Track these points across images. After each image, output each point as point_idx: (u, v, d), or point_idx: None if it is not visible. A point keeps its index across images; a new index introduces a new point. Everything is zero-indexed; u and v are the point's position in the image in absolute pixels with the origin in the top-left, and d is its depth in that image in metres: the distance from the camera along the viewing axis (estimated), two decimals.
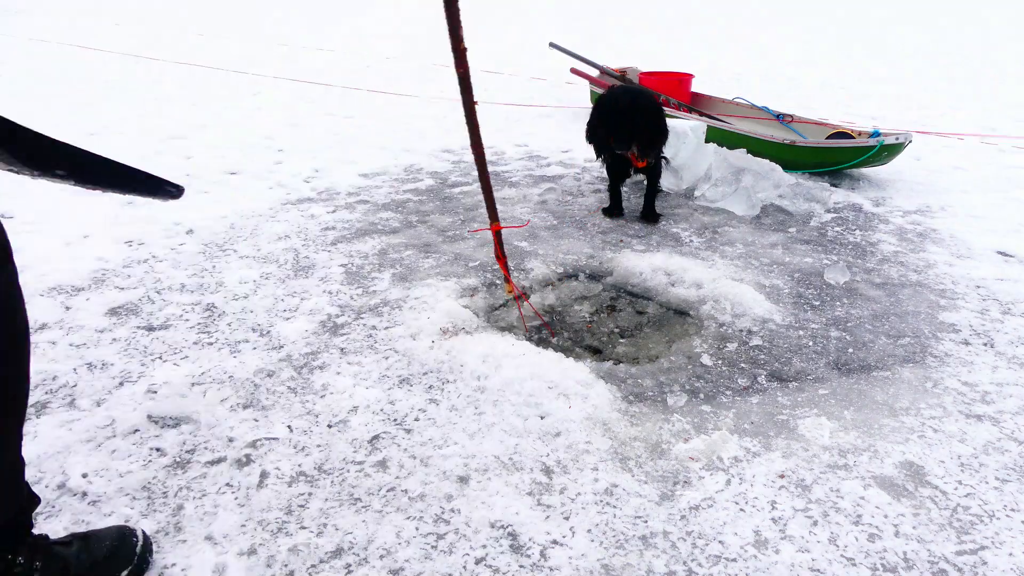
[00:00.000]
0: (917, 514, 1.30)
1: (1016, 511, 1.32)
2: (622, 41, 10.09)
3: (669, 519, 1.27)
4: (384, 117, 4.82)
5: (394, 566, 1.15)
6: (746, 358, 1.83)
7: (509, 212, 2.96)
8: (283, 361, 1.76)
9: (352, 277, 2.26)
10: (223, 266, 2.32)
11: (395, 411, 1.57)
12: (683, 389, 1.68)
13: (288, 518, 1.25)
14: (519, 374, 1.66)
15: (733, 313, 2.04)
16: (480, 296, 2.15)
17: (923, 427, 1.56)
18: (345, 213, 2.88)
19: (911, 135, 3.36)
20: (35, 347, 1.78)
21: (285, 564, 1.15)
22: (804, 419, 1.57)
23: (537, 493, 1.32)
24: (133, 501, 1.28)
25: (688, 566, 1.17)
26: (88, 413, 1.53)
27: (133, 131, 4.05)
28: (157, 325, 1.92)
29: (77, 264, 2.27)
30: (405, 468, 1.39)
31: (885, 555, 1.20)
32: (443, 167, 3.67)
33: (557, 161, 3.86)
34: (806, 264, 2.46)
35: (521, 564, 1.16)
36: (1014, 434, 1.55)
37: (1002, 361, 1.86)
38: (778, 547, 1.21)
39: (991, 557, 1.21)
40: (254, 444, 1.44)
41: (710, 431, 1.51)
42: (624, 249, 2.55)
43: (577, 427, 1.51)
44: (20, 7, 10.51)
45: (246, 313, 2.00)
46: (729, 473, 1.39)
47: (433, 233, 2.69)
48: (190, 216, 2.74)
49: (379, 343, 1.85)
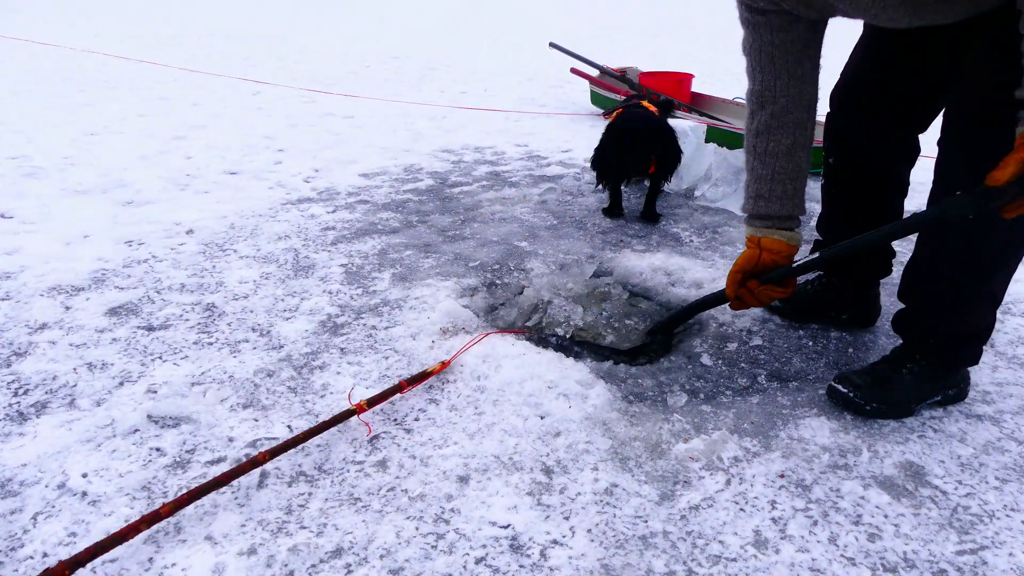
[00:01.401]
0: (917, 514, 1.30)
1: (1016, 511, 1.32)
2: (623, 41, 10.09)
3: (669, 519, 1.27)
4: (384, 117, 4.83)
5: (394, 566, 1.15)
6: (746, 358, 1.84)
7: (509, 212, 2.96)
8: (283, 361, 1.76)
9: (352, 277, 2.26)
10: (223, 266, 2.32)
11: (395, 411, 1.57)
12: (683, 389, 1.68)
13: (288, 518, 1.25)
14: (519, 374, 1.66)
15: (733, 313, 2.04)
16: (480, 296, 2.16)
17: (923, 427, 1.56)
18: (345, 213, 2.88)
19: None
20: (35, 347, 1.79)
21: (285, 564, 1.15)
22: (804, 419, 1.57)
23: (537, 493, 1.32)
24: (133, 501, 1.28)
25: (688, 566, 1.17)
26: (88, 413, 1.53)
27: (133, 131, 4.06)
28: (157, 325, 1.92)
29: (77, 264, 2.27)
30: (405, 468, 1.39)
31: (885, 555, 1.20)
32: (443, 167, 3.67)
33: (557, 161, 3.86)
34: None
35: (521, 564, 1.16)
36: (1014, 434, 1.55)
37: (1002, 361, 1.86)
38: (778, 547, 1.21)
39: (991, 557, 1.21)
40: (254, 444, 1.44)
41: (710, 431, 1.51)
42: (624, 249, 2.55)
43: (577, 427, 1.51)
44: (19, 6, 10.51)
45: (246, 313, 2.00)
46: (729, 473, 1.39)
47: (433, 233, 2.69)
48: (190, 216, 2.74)
49: (379, 343, 1.85)
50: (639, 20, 14.25)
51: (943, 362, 1.60)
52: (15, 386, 1.62)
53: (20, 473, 1.34)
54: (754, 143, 1.61)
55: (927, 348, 1.60)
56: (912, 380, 1.59)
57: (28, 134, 3.81)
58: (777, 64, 1.52)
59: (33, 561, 1.15)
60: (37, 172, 3.18)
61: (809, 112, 1.59)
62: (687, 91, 5.06)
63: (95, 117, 4.34)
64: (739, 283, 1.64)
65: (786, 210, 1.62)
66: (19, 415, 1.52)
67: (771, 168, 1.59)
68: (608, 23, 13.19)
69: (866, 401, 1.56)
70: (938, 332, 1.57)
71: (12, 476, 1.33)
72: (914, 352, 1.62)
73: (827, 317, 1.97)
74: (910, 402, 1.59)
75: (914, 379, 1.59)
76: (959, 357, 1.61)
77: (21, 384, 1.63)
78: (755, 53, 1.54)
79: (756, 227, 1.64)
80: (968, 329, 1.57)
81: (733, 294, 1.67)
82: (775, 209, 1.61)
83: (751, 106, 1.61)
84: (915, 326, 1.62)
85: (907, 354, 1.63)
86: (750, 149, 1.63)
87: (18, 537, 1.19)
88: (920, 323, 1.60)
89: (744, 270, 1.63)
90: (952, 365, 1.62)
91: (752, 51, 1.55)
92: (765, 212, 1.62)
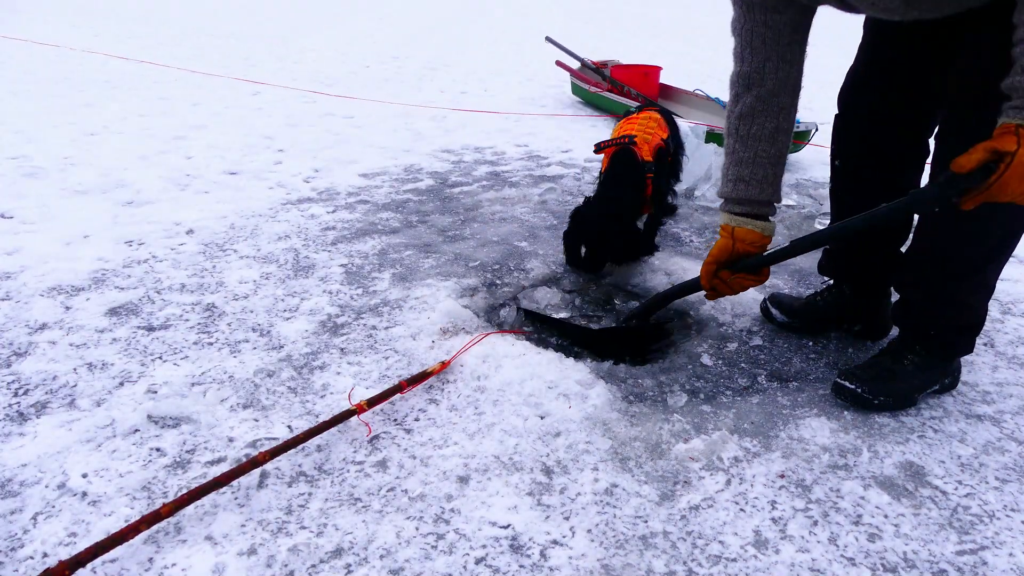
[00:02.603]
0: (917, 514, 1.30)
1: (1016, 511, 1.32)
2: (622, 41, 10.09)
3: (669, 519, 1.27)
4: (384, 117, 4.82)
5: (394, 566, 1.15)
6: (746, 358, 1.84)
7: (509, 212, 2.96)
8: (283, 361, 1.76)
9: (352, 277, 2.26)
10: (223, 266, 2.32)
11: (395, 411, 1.57)
12: (683, 389, 1.68)
13: (288, 518, 1.25)
14: (519, 374, 1.66)
15: (733, 313, 2.04)
16: (480, 296, 2.15)
17: (923, 427, 1.56)
18: (345, 213, 2.88)
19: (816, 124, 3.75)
20: (35, 347, 1.79)
21: (285, 564, 1.15)
22: (804, 419, 1.57)
23: (537, 493, 1.32)
24: (133, 501, 1.28)
25: (688, 566, 1.17)
26: (88, 413, 1.53)
27: (133, 131, 4.05)
28: (157, 325, 1.92)
29: (77, 264, 2.27)
30: (405, 468, 1.39)
31: (885, 555, 1.20)
32: (443, 167, 3.67)
33: (557, 161, 3.86)
34: (806, 264, 2.45)
35: (521, 564, 1.16)
36: (1014, 434, 1.56)
37: (1002, 361, 1.86)
38: (778, 547, 1.21)
39: (991, 557, 1.21)
40: (254, 444, 1.44)
41: (710, 431, 1.51)
42: None
43: (577, 427, 1.51)
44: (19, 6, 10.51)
45: (246, 313, 2.00)
46: (729, 473, 1.39)
47: (433, 233, 2.69)
48: (190, 216, 2.74)
49: (379, 343, 1.85)
50: (639, 20, 14.26)
51: (942, 352, 1.63)
52: (15, 386, 1.62)
53: (20, 473, 1.34)
54: (737, 125, 1.60)
55: (927, 338, 1.62)
56: (914, 370, 1.61)
57: (28, 134, 3.81)
58: (768, 46, 1.51)
59: (33, 561, 1.15)
60: (37, 172, 3.18)
61: (793, 98, 1.58)
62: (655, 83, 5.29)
63: (95, 117, 4.34)
64: (713, 274, 1.65)
65: (765, 195, 1.62)
66: (19, 415, 1.52)
67: (753, 151, 1.59)
68: (608, 23, 13.20)
69: (874, 395, 1.58)
70: (937, 323, 1.59)
71: (12, 476, 1.33)
72: (914, 343, 1.64)
73: (839, 329, 1.97)
74: (913, 392, 1.62)
75: (916, 369, 1.61)
76: (956, 346, 1.64)
77: (21, 384, 1.63)
78: (746, 34, 1.54)
79: (731, 215, 1.64)
80: (965, 319, 1.59)
81: (708, 284, 1.67)
82: (755, 193, 1.61)
83: (736, 88, 1.59)
84: (914, 317, 1.63)
85: (907, 345, 1.64)
86: (732, 132, 1.62)
87: (18, 537, 1.19)
88: (920, 314, 1.62)
89: (718, 261, 1.63)
90: (950, 354, 1.65)
91: (743, 32, 1.54)
92: (745, 196, 1.61)
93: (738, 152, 1.61)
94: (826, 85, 6.50)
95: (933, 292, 1.58)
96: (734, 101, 1.61)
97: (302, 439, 1.38)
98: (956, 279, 1.54)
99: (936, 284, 1.56)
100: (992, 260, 1.53)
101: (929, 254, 1.57)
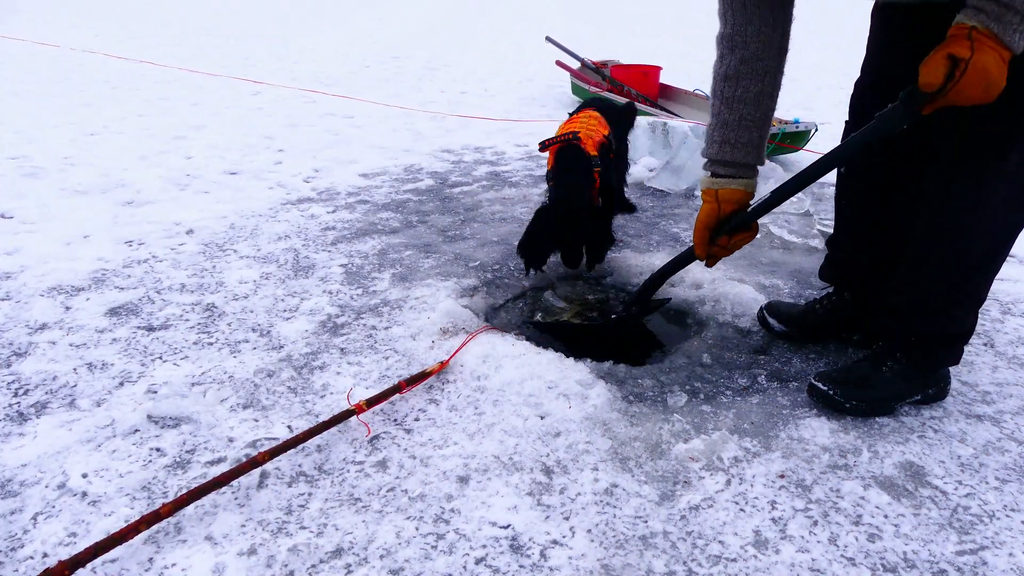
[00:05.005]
0: (917, 514, 1.30)
1: (1016, 511, 1.32)
2: (623, 40, 10.09)
3: (669, 519, 1.27)
4: (384, 116, 4.83)
5: (394, 566, 1.15)
6: (746, 358, 1.83)
7: (509, 212, 2.96)
8: (283, 361, 1.76)
9: (352, 277, 2.26)
10: (223, 266, 2.32)
11: (395, 411, 1.57)
12: (683, 389, 1.68)
13: (288, 518, 1.25)
14: (519, 374, 1.66)
15: (733, 313, 2.04)
16: (480, 296, 2.15)
17: (923, 427, 1.56)
18: (345, 213, 2.88)
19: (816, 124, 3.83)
20: (35, 347, 1.79)
21: (285, 564, 1.15)
22: (804, 419, 1.57)
23: (537, 493, 1.32)
24: (133, 501, 1.28)
25: (688, 566, 1.17)
26: (88, 413, 1.53)
27: (133, 131, 4.06)
28: (157, 325, 1.92)
29: (77, 264, 2.27)
30: (405, 468, 1.39)
31: (885, 555, 1.20)
32: (443, 167, 3.67)
33: None
34: (807, 264, 2.46)
35: (521, 564, 1.16)
36: (1014, 434, 1.55)
37: (1002, 361, 1.86)
38: (778, 547, 1.21)
39: (991, 557, 1.21)
40: (254, 444, 1.44)
41: (710, 431, 1.51)
42: (624, 249, 2.55)
43: (577, 427, 1.51)
44: (19, 6, 10.51)
45: (246, 313, 2.00)
46: (729, 473, 1.39)
47: (433, 233, 2.69)
48: (190, 216, 2.74)
49: (379, 343, 1.85)
50: (639, 20, 14.26)
51: (923, 362, 1.60)
52: (15, 386, 1.62)
53: (20, 473, 1.34)
54: (722, 87, 1.58)
55: (907, 347, 1.60)
56: (892, 378, 1.59)
57: (28, 134, 3.81)
58: (749, 8, 1.49)
59: (33, 561, 1.15)
60: (37, 172, 3.18)
61: (779, 61, 1.56)
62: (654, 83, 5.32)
63: (95, 117, 4.34)
64: (708, 240, 1.64)
65: (750, 158, 1.61)
66: (19, 415, 1.52)
67: (739, 114, 1.57)
68: (608, 23, 13.20)
69: (846, 399, 1.56)
70: (920, 331, 1.57)
71: (12, 476, 1.33)
72: (894, 350, 1.61)
73: (838, 338, 1.95)
74: (890, 400, 1.59)
75: (894, 377, 1.59)
76: (938, 357, 1.61)
77: (21, 384, 1.63)
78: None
79: (714, 178, 1.63)
80: (951, 329, 1.57)
81: (704, 253, 1.66)
82: (739, 156, 1.60)
83: (720, 49, 1.57)
84: (895, 324, 1.61)
85: (888, 352, 1.62)
86: (717, 93, 1.60)
87: (18, 537, 1.19)
88: (904, 322, 1.59)
89: (709, 226, 1.62)
90: (932, 366, 1.62)
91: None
92: (730, 158, 1.60)
93: (723, 114, 1.59)
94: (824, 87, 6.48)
95: (915, 300, 1.55)
96: (719, 62, 1.58)
97: (302, 439, 1.38)
98: (940, 288, 1.51)
99: (919, 292, 1.54)
100: (979, 270, 1.50)
101: (913, 261, 1.55)
